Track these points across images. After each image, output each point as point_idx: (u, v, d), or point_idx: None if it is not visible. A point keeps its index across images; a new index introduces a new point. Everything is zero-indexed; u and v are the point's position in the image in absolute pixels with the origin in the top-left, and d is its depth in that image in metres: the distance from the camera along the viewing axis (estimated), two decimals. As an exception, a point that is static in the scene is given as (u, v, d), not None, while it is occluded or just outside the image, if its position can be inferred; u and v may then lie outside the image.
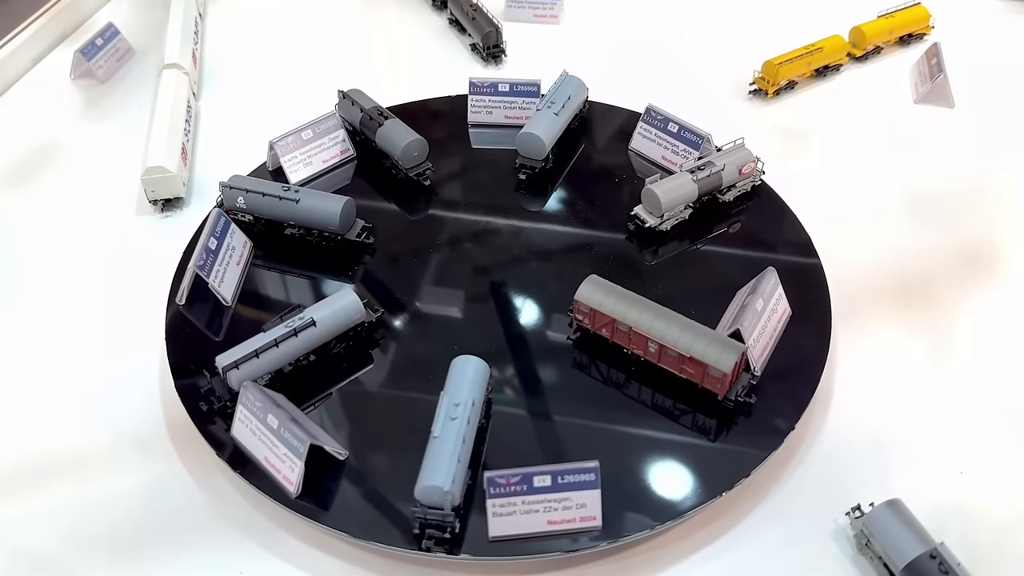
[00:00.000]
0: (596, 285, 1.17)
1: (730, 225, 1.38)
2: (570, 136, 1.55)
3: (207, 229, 1.30)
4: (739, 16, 2.04)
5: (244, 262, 1.35)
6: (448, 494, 0.97)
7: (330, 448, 1.05)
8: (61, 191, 1.61)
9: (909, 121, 1.71)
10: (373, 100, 1.55)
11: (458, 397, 1.06)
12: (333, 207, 1.32)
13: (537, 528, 0.99)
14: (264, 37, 2.05)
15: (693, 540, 1.06)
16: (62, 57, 1.96)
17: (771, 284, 1.18)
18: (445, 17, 2.06)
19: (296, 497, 1.03)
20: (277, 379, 1.15)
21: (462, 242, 1.39)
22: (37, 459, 1.17)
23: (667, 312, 1.13)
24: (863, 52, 1.87)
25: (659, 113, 1.48)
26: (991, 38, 1.94)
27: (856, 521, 1.03)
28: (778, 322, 1.19)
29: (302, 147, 1.50)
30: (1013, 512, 1.07)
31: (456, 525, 0.99)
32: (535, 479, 0.97)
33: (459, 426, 1.02)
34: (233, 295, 1.30)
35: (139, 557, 1.06)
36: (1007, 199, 1.52)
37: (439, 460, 0.99)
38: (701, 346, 1.08)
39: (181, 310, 1.26)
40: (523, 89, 1.57)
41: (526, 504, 0.98)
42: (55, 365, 1.29)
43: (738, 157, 1.39)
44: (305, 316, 1.16)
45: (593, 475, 0.97)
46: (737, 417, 1.10)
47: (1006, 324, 1.30)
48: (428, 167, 1.47)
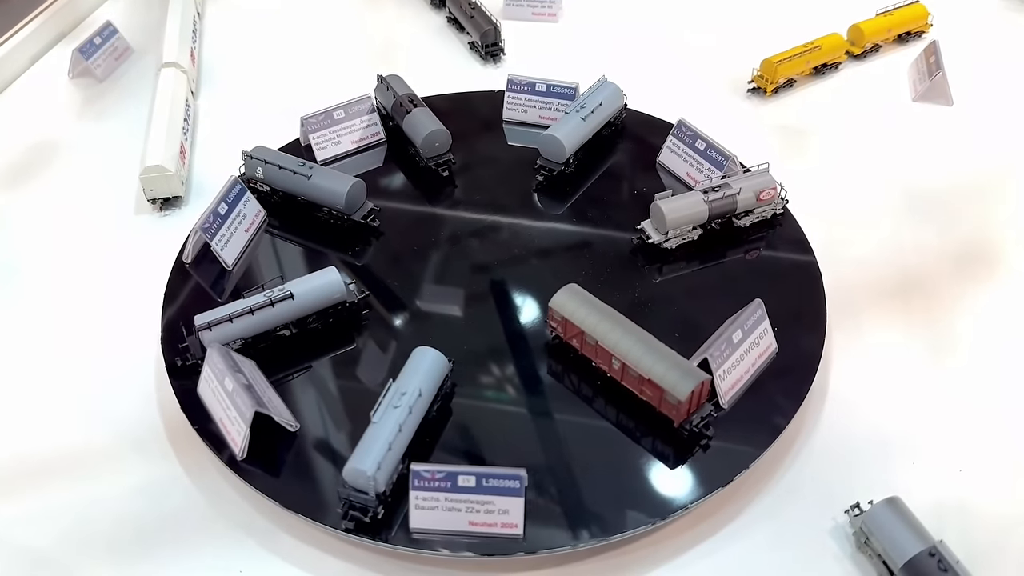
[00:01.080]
0: (571, 294, 1.16)
1: (747, 251, 1.34)
2: (600, 142, 1.52)
3: (219, 194, 1.35)
4: (738, 14, 2.04)
5: (254, 230, 1.39)
6: (372, 479, 0.98)
7: (279, 419, 1.07)
8: (59, 190, 1.61)
9: (908, 119, 1.71)
10: (409, 88, 1.56)
11: (406, 387, 1.06)
12: (340, 187, 1.35)
13: (458, 527, 0.99)
14: (262, 36, 2.05)
15: (694, 537, 1.06)
16: (60, 56, 1.96)
17: (755, 317, 1.14)
18: (444, 15, 2.06)
19: (241, 460, 1.06)
20: (254, 347, 1.18)
21: (468, 238, 1.39)
22: (35, 459, 1.17)
23: (636, 331, 1.11)
24: (861, 50, 1.87)
25: (689, 128, 1.44)
26: (989, 36, 1.95)
27: (855, 519, 1.03)
28: (759, 357, 1.15)
29: (332, 126, 1.53)
30: (1012, 510, 1.07)
31: (380, 512, 0.99)
32: (460, 478, 0.98)
33: (399, 415, 1.03)
34: (235, 260, 1.34)
35: (138, 557, 1.06)
36: (1006, 197, 1.52)
37: (371, 445, 1.00)
38: (661, 370, 1.06)
39: (188, 268, 1.32)
40: (559, 91, 1.56)
41: (449, 501, 0.98)
42: (53, 365, 1.29)
43: (757, 182, 1.33)
44: (285, 288, 1.18)
45: (518, 483, 0.97)
46: (694, 448, 1.06)
47: (1005, 322, 1.30)
48: (449, 158, 1.48)
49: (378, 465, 0.99)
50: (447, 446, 1.09)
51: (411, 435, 1.05)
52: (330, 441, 1.11)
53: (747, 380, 1.13)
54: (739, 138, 1.52)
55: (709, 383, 1.07)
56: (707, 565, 1.03)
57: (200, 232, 1.31)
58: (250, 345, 1.18)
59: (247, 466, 1.07)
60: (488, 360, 1.20)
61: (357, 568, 1.04)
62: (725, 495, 1.08)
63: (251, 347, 1.19)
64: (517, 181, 1.49)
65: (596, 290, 1.22)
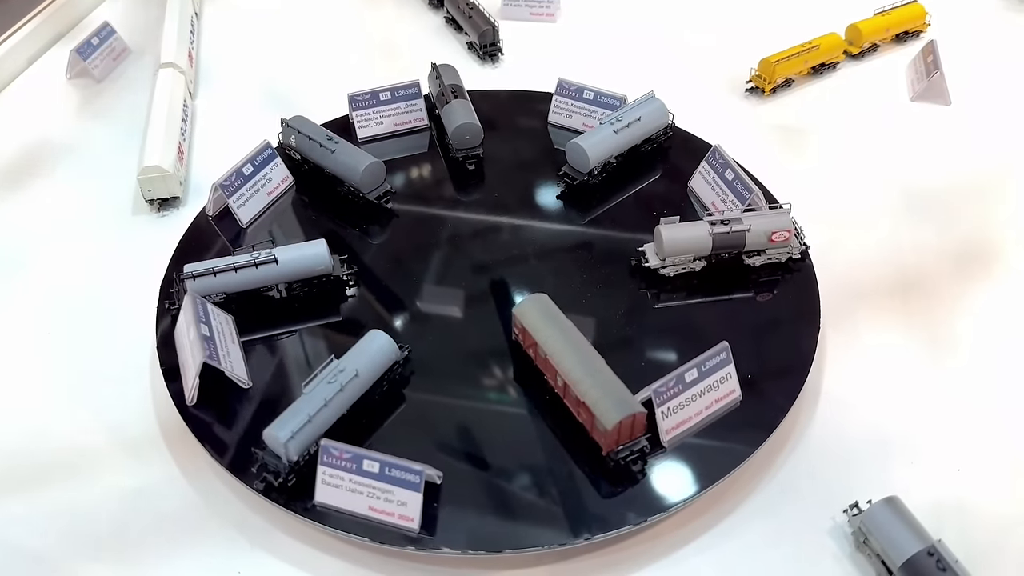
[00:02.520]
0: (534, 304, 1.15)
1: (757, 293, 1.27)
2: (637, 159, 1.48)
3: (247, 156, 1.42)
4: (736, 14, 2.04)
5: (278, 194, 1.44)
6: (284, 446, 1.01)
7: (230, 374, 1.10)
8: (57, 191, 1.61)
9: (906, 119, 1.71)
10: (460, 78, 1.57)
11: (344, 365, 1.08)
12: (358, 164, 1.38)
13: (359, 509, 1.01)
14: (260, 36, 2.04)
15: (692, 536, 1.06)
16: (58, 56, 1.96)
17: (716, 359, 1.09)
18: (442, 15, 2.06)
19: (191, 405, 1.12)
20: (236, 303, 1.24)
21: (468, 239, 1.39)
22: (32, 458, 1.17)
23: (587, 352, 1.09)
24: (859, 50, 1.87)
25: (722, 157, 1.38)
26: (987, 35, 1.95)
27: (854, 518, 1.03)
28: (716, 401, 1.10)
29: (377, 106, 1.56)
30: (1011, 509, 1.07)
31: (291, 479, 1.03)
32: (365, 462, 1.00)
33: (329, 391, 1.06)
34: (251, 220, 1.40)
35: (136, 558, 1.06)
36: (1004, 196, 1.52)
37: (293, 414, 1.04)
38: (595, 395, 1.04)
39: (209, 219, 1.38)
40: (605, 100, 1.53)
41: (353, 483, 1.01)
42: (49, 365, 1.29)
43: (770, 221, 1.26)
44: (271, 252, 1.23)
45: (417, 478, 0.98)
46: (622, 482, 1.04)
47: (1004, 322, 1.30)
48: (478, 153, 1.49)
49: (292, 434, 1.02)
50: (447, 447, 1.09)
51: (339, 412, 1.07)
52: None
53: (698, 423, 1.08)
54: (737, 138, 1.52)
55: (644, 417, 1.03)
56: (706, 564, 1.03)
57: (219, 189, 1.37)
58: (235, 301, 1.23)
59: (230, 452, 1.08)
60: (488, 361, 1.20)
61: (355, 567, 1.04)
62: (724, 494, 1.09)
63: (239, 304, 1.23)
64: (518, 182, 1.49)
65: (588, 298, 1.24)
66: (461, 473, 1.06)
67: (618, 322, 1.24)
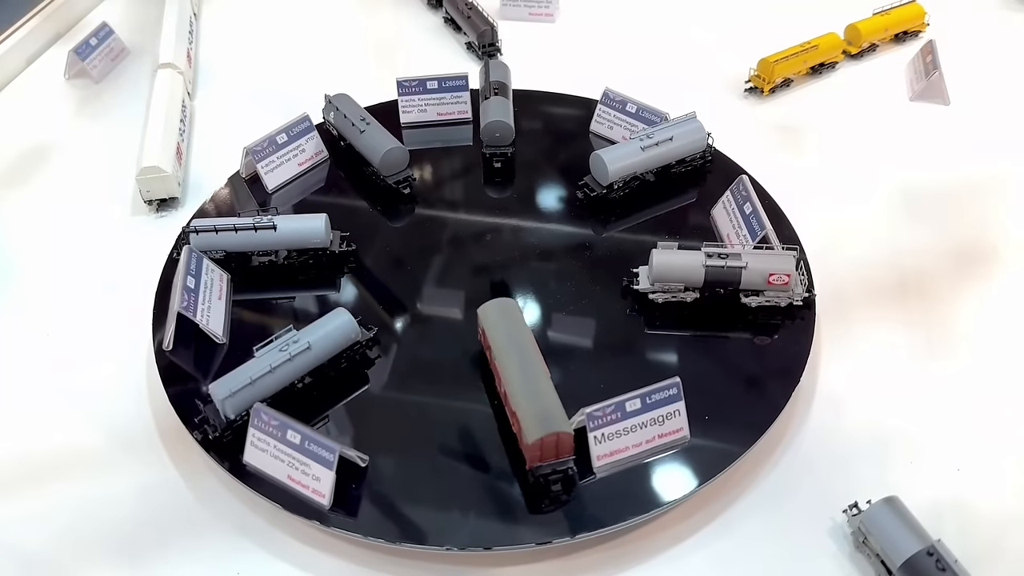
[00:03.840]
0: (497, 308, 1.14)
1: (755, 336, 1.21)
2: (668, 180, 1.43)
3: (284, 125, 1.47)
4: (735, 14, 2.04)
5: (309, 166, 1.49)
6: (222, 403, 1.06)
7: (204, 327, 1.14)
8: (56, 191, 1.61)
9: (904, 118, 1.72)
10: (509, 76, 1.58)
11: (299, 337, 1.11)
12: (382, 146, 1.41)
13: (280, 476, 1.04)
14: (259, 36, 2.04)
15: (690, 536, 1.06)
16: (56, 57, 1.95)
17: (664, 394, 1.05)
18: (440, 16, 2.06)
19: (166, 350, 1.16)
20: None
21: (469, 240, 1.39)
22: (29, 459, 1.17)
23: (532, 363, 1.07)
24: (858, 50, 1.87)
25: (745, 189, 1.32)
26: (986, 35, 1.95)
27: (853, 518, 1.03)
28: (659, 436, 1.06)
29: (423, 93, 1.58)
30: (1010, 509, 1.07)
31: (226, 436, 1.08)
32: (288, 432, 1.03)
33: (277, 358, 1.09)
34: (276, 187, 1.45)
35: (134, 559, 1.05)
36: (1003, 196, 1.52)
37: (237, 374, 1.08)
38: (525, 408, 1.02)
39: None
40: (646, 115, 1.49)
41: (276, 450, 1.04)
42: (47, 365, 1.29)
43: (769, 261, 1.20)
44: (272, 219, 1.28)
45: (332, 456, 1.01)
46: (540, 498, 1.02)
47: (1003, 321, 1.30)
48: (509, 150, 1.49)
49: (231, 392, 1.06)
50: (447, 448, 1.08)
51: (285, 381, 1.10)
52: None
53: (636, 455, 1.05)
54: (736, 138, 1.52)
55: (570, 439, 1.01)
56: (704, 564, 1.03)
57: (250, 154, 1.43)
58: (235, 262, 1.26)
59: (227, 452, 1.08)
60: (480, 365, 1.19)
61: (355, 566, 1.04)
62: (725, 494, 1.09)
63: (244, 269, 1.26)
64: (519, 181, 1.49)
65: (579, 303, 1.24)
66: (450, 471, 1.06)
67: (604, 327, 1.23)
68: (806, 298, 1.22)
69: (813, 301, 1.23)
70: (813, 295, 1.23)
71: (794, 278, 1.20)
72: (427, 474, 1.06)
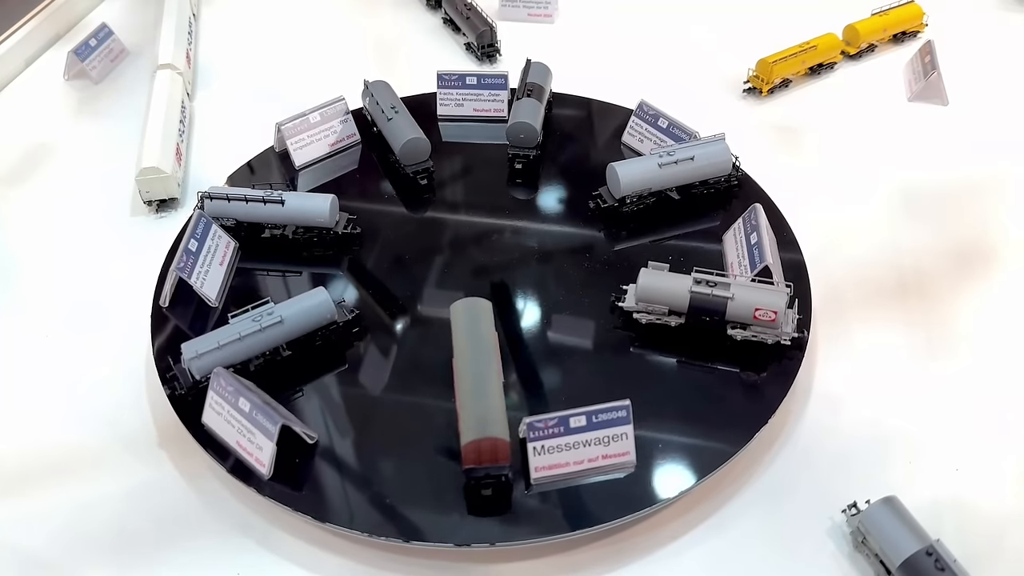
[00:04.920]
0: (466, 306, 1.14)
1: (742, 372, 1.16)
2: (691, 200, 1.39)
3: (318, 105, 1.51)
4: (733, 14, 2.05)
5: (340, 147, 1.54)
6: (187, 363, 1.11)
7: (198, 290, 1.17)
8: (55, 192, 1.61)
9: (903, 119, 1.72)
10: (547, 79, 1.58)
11: (275, 309, 1.15)
12: (402, 136, 1.44)
13: (229, 440, 1.07)
14: (258, 37, 2.04)
15: (688, 535, 1.06)
16: (55, 58, 1.96)
17: (612, 415, 1.03)
18: (439, 16, 2.06)
19: (163, 307, 1.21)
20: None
21: (469, 242, 1.39)
22: (29, 459, 1.17)
23: (486, 366, 1.06)
24: (857, 50, 1.87)
25: (755, 219, 1.27)
26: (984, 35, 1.95)
27: (852, 518, 1.03)
28: (603, 457, 1.04)
29: (461, 88, 1.60)
30: (1009, 508, 1.07)
31: (188, 394, 1.12)
32: (240, 399, 1.06)
33: (248, 327, 1.13)
34: (304, 164, 1.50)
35: (135, 558, 1.05)
36: (1002, 195, 1.53)
37: (208, 338, 1.13)
38: (467, 409, 1.02)
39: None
40: (676, 132, 1.46)
41: (229, 415, 1.07)
42: (46, 366, 1.29)
43: (758, 295, 1.15)
44: (282, 195, 1.33)
45: (273, 428, 1.02)
46: (473, 501, 1.02)
47: (1002, 321, 1.31)
48: (532, 152, 1.49)
49: (197, 354, 1.11)
50: (447, 450, 1.08)
51: (254, 350, 1.14)
52: (328, 440, 1.11)
53: (577, 472, 1.03)
54: (735, 138, 1.52)
55: (507, 446, 1.01)
56: (703, 563, 1.03)
57: (281, 130, 1.50)
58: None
59: (228, 452, 1.08)
60: (506, 364, 1.18)
61: (355, 564, 1.04)
62: (725, 492, 1.09)
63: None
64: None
65: (570, 311, 1.24)
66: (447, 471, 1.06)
67: (593, 332, 1.23)
68: (796, 338, 1.16)
69: (804, 342, 1.17)
70: (805, 336, 1.17)
71: (782, 316, 1.14)
72: (424, 474, 1.06)
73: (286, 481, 1.05)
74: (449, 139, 1.57)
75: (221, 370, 1.09)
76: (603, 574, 1.03)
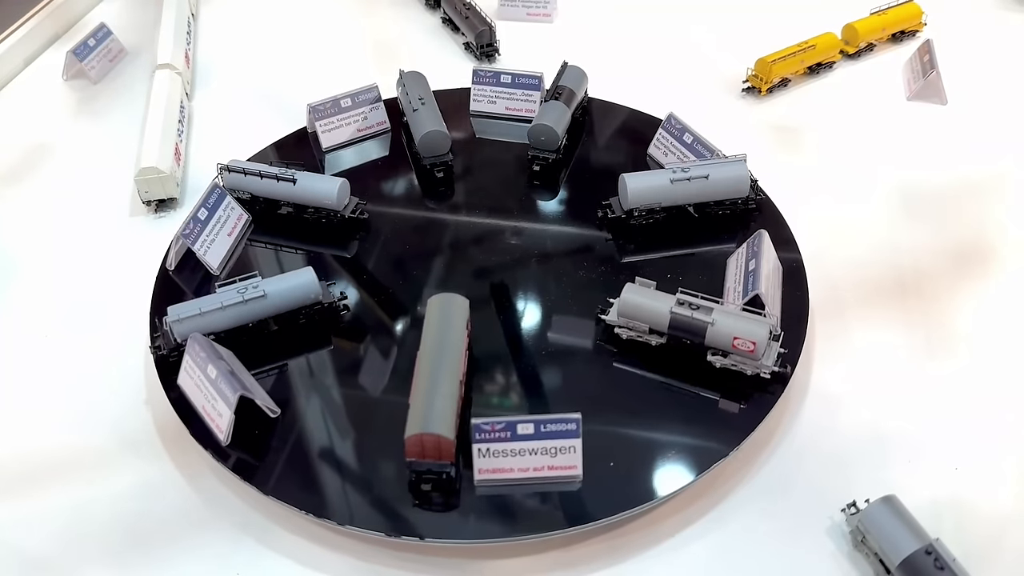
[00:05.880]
0: (441, 302, 1.15)
1: (721, 396, 1.12)
2: (709, 221, 1.36)
3: (349, 91, 1.55)
4: (732, 14, 2.05)
5: (370, 133, 1.57)
6: (169, 325, 1.16)
7: (201, 257, 1.21)
8: (54, 192, 1.61)
9: (902, 118, 1.72)
10: (582, 82, 1.57)
11: (261, 284, 1.18)
12: (421, 128, 1.46)
13: (197, 405, 1.11)
14: (257, 37, 2.04)
15: (687, 534, 1.06)
16: (54, 58, 1.96)
17: (562, 427, 1.01)
18: (438, 16, 2.06)
19: (170, 270, 1.22)
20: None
21: (468, 242, 1.39)
22: (28, 459, 1.17)
23: (447, 364, 1.06)
24: (856, 49, 1.87)
25: (758, 246, 1.23)
26: (983, 35, 1.95)
27: (852, 517, 1.03)
28: (549, 468, 1.03)
29: (496, 86, 1.62)
30: (1008, 507, 1.08)
31: (172, 356, 1.16)
32: (208, 367, 1.09)
33: (231, 298, 1.17)
34: (331, 147, 1.55)
35: (135, 558, 1.05)
36: (1001, 195, 1.53)
37: (192, 303, 1.17)
38: (418, 401, 1.02)
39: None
40: (699, 148, 1.43)
41: (198, 381, 1.10)
42: (46, 366, 1.29)
43: (737, 323, 1.11)
44: (295, 174, 1.37)
45: (233, 398, 1.05)
46: (415, 494, 1.03)
47: (1000, 320, 1.31)
48: (548, 158, 1.48)
49: (179, 318, 1.15)
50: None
51: (235, 321, 1.18)
52: (327, 437, 1.11)
53: (521, 479, 1.02)
54: (734, 138, 1.52)
55: (451, 445, 1.00)
56: (702, 562, 1.03)
57: (311, 112, 1.54)
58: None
59: (234, 452, 1.09)
60: (490, 366, 1.19)
61: (357, 561, 1.04)
62: (721, 493, 1.09)
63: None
64: (500, 180, 1.49)
65: (559, 316, 1.24)
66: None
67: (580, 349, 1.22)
68: (776, 373, 1.11)
69: (786, 378, 1.12)
70: (787, 372, 1.13)
71: (762, 348, 1.10)
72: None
73: (246, 451, 1.08)
74: (481, 135, 1.60)
75: (197, 336, 1.13)
76: (599, 571, 1.03)
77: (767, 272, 1.20)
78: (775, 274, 1.24)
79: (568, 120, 1.50)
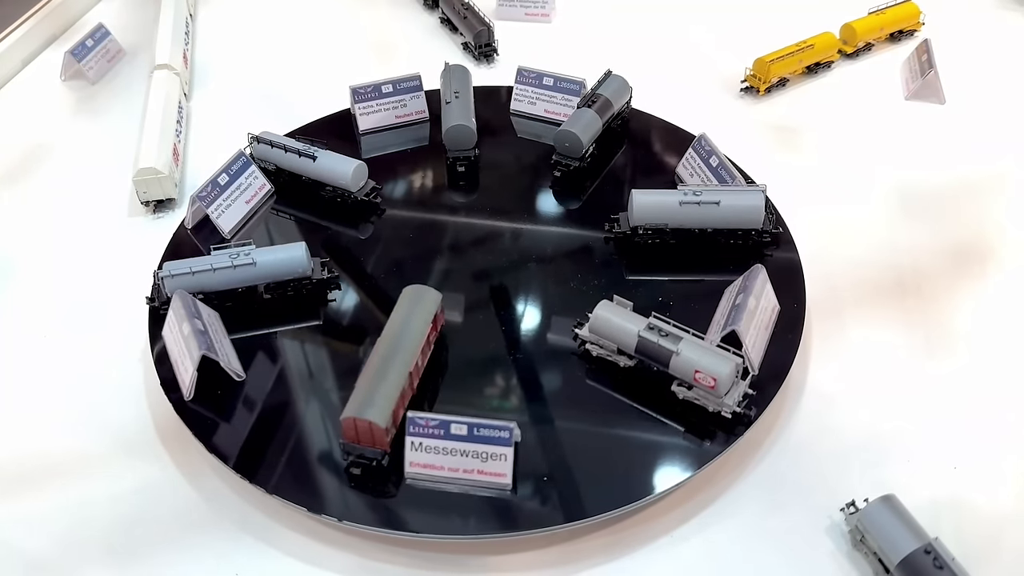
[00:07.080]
0: (414, 293, 1.16)
1: (684, 433, 1.09)
2: (721, 248, 1.31)
3: (390, 78, 1.58)
4: (730, 14, 2.05)
5: (407, 120, 1.60)
6: (161, 279, 1.22)
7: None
8: (52, 192, 1.61)
9: (900, 117, 1.72)
10: (624, 94, 1.56)
11: (252, 252, 1.23)
12: (449, 121, 1.47)
13: (174, 359, 1.16)
14: (255, 37, 2.04)
15: (686, 533, 1.06)
16: (52, 58, 1.95)
17: (496, 433, 1.01)
18: (437, 16, 2.06)
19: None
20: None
21: (468, 242, 1.39)
22: (28, 460, 1.17)
23: (401, 351, 1.08)
24: (854, 49, 1.87)
25: (752, 281, 1.19)
26: (981, 34, 1.95)
27: (851, 517, 1.03)
28: (479, 472, 1.03)
29: (538, 87, 1.61)
30: (1007, 507, 1.08)
31: (162, 308, 1.21)
32: (184, 324, 1.14)
33: (222, 261, 1.22)
34: (366, 130, 1.58)
35: (135, 558, 1.05)
36: (999, 195, 1.53)
37: (184, 262, 1.23)
38: (362, 385, 1.04)
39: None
40: (723, 173, 1.38)
41: (178, 335, 1.15)
42: (45, 366, 1.29)
43: (699, 356, 1.06)
44: (316, 152, 1.41)
45: (197, 354, 1.09)
46: (349, 476, 1.04)
47: (999, 320, 1.31)
48: (574, 163, 1.46)
49: (171, 274, 1.22)
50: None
51: (224, 284, 1.23)
52: (327, 440, 1.11)
53: (450, 478, 1.02)
54: (732, 138, 1.52)
55: (383, 433, 1.01)
56: (701, 561, 1.03)
57: (354, 95, 1.57)
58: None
59: (224, 444, 1.09)
60: (490, 367, 1.19)
61: (358, 558, 1.04)
62: (719, 492, 1.09)
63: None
64: (520, 181, 1.49)
65: (546, 322, 1.24)
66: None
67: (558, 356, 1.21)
68: (737, 414, 1.07)
69: (749, 421, 1.08)
70: (750, 415, 1.08)
71: (725, 385, 1.05)
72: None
73: (204, 406, 1.12)
74: (523, 135, 1.60)
75: (182, 292, 1.19)
76: (597, 567, 1.03)
77: (752, 308, 1.14)
78: (765, 313, 1.18)
79: (598, 129, 1.47)
